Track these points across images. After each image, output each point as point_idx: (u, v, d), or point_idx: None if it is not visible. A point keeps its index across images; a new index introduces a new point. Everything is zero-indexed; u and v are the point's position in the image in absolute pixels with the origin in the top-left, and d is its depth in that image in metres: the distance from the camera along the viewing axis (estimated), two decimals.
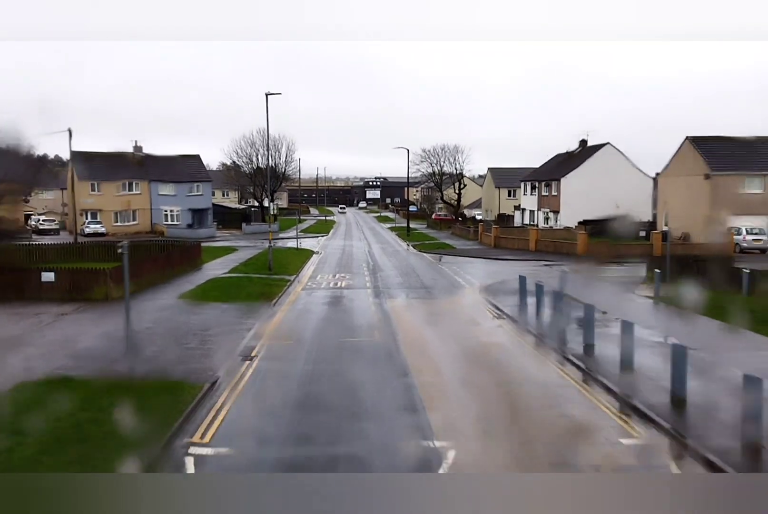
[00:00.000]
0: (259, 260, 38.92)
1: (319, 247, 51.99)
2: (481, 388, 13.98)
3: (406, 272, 35.10)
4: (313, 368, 15.49)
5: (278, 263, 36.97)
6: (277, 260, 38.46)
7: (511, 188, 79.67)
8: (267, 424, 11.95)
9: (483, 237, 54.40)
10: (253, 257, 40.93)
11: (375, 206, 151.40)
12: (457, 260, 42.28)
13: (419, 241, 56.91)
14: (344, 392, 13.73)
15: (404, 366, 15.57)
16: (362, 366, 15.66)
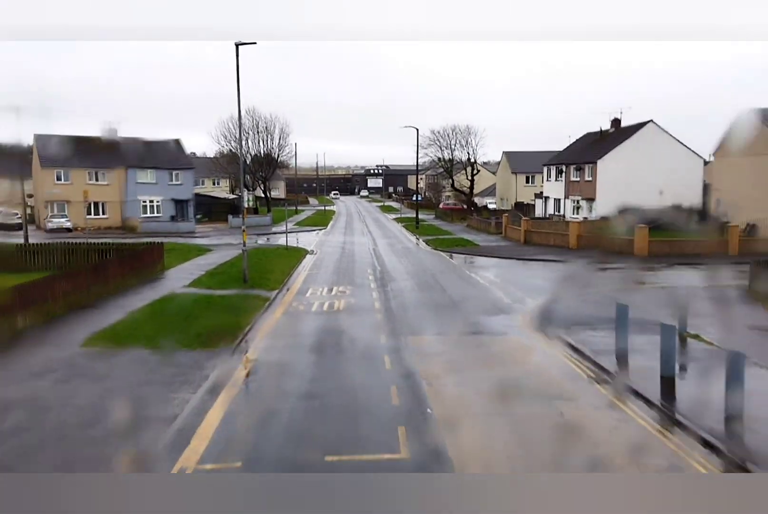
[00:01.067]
0: (234, 265, 29.88)
1: (314, 245, 42.96)
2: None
3: (425, 282, 26.10)
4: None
5: (259, 270, 27.98)
6: (259, 266, 29.47)
7: (529, 174, 70.50)
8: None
9: (508, 231, 45.33)
10: (229, 262, 31.91)
11: (377, 195, 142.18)
12: (486, 263, 33.27)
13: (431, 236, 47.88)
14: None
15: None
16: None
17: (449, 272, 29.53)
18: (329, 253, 37.45)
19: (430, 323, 18.46)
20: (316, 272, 29.52)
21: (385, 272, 29.41)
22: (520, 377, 13.31)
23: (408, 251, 39.58)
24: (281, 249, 37.51)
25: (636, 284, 24.52)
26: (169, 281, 26.60)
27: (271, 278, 26.42)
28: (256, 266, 29.45)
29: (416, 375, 13.25)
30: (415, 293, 23.62)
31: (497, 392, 12.12)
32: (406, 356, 14.73)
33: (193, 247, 39.09)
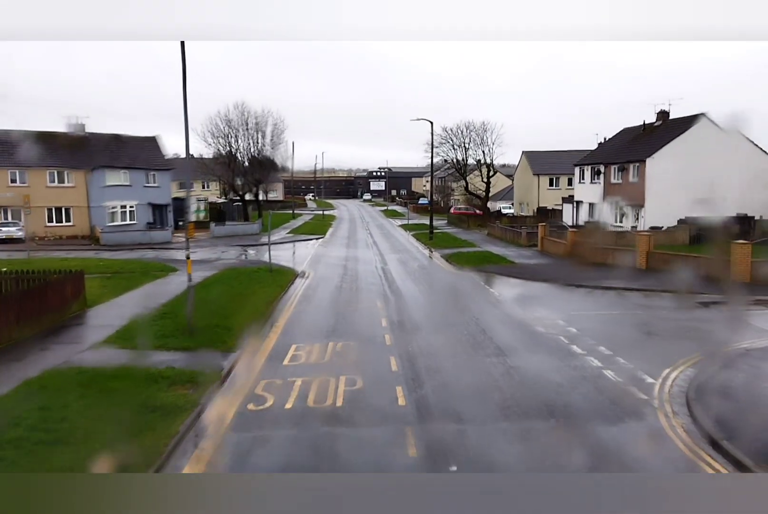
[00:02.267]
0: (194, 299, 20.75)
1: (307, 262, 33.84)
2: None
3: (470, 335, 16.58)
4: None
5: (221, 310, 18.96)
6: (223, 302, 20.43)
7: (552, 176, 61.47)
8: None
9: (546, 243, 36.24)
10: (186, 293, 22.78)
11: (380, 199, 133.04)
12: (539, 293, 24.08)
13: (450, 248, 38.79)
14: None
15: None
16: None
17: (496, 312, 20.36)
18: (325, 277, 28.32)
19: (516, 456, 9.40)
20: (303, 312, 20.34)
21: (403, 310, 20.28)
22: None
23: (427, 272, 30.51)
24: (263, 270, 28.41)
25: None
26: (83, 329, 17.56)
27: (235, 324, 17.28)
28: (218, 301, 20.36)
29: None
30: (459, 361, 14.43)
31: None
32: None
33: (153, 267, 29.96)
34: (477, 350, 15.18)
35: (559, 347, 15.52)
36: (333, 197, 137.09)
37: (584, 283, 25.06)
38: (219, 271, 28.83)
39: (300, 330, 17.64)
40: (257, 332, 17.02)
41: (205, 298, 20.80)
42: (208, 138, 58.60)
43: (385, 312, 19.82)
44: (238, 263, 33.35)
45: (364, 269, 30.76)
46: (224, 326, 17.10)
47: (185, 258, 18.97)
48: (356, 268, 31.43)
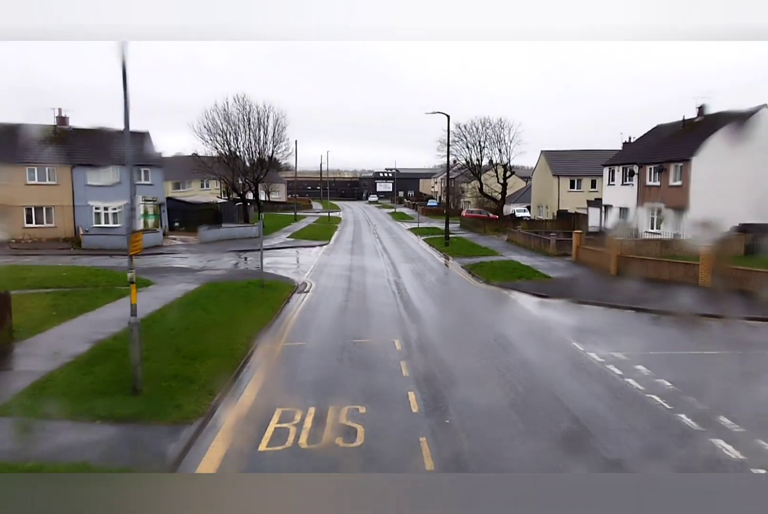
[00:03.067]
0: (152, 328, 15.77)
1: (309, 273, 28.86)
2: None
3: (536, 399, 11.54)
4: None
5: (190, 346, 14.03)
6: (196, 331, 15.50)
7: (574, 177, 56.37)
8: None
9: (582, 253, 31.17)
10: (153, 317, 17.76)
11: (387, 200, 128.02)
12: (598, 321, 19.03)
13: (469, 257, 33.79)
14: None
15: None
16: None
17: (553, 352, 15.29)
18: (328, 293, 23.34)
19: None
20: (297, 351, 15.24)
21: (428, 348, 15.26)
22: None
23: (449, 288, 25.53)
24: (254, 284, 23.43)
25: None
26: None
27: (201, 373, 12.28)
28: (186, 334, 15.40)
29: None
30: (529, 453, 9.48)
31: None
32: None
33: (125, 279, 25.00)
34: (550, 427, 10.15)
35: (661, 416, 10.49)
36: (338, 199, 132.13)
37: (645, 305, 20.01)
38: (200, 285, 23.90)
39: (290, 383, 12.62)
40: (229, 387, 12.03)
41: (169, 329, 15.87)
42: (205, 134, 53.66)
43: (405, 350, 14.82)
44: (226, 273, 28.40)
45: (373, 284, 25.77)
46: (185, 376, 12.12)
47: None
48: (364, 281, 26.44)
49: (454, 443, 9.44)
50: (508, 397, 11.50)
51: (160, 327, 16.19)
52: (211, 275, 27.69)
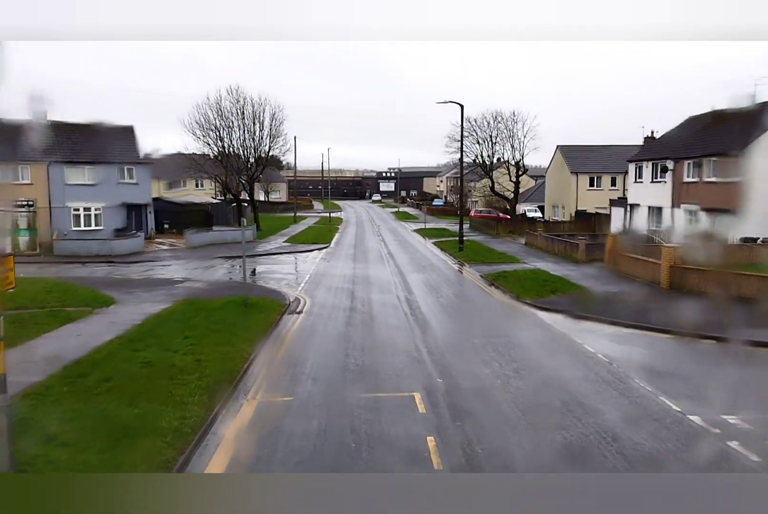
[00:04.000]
0: (81, 381, 11.27)
1: (303, 286, 24.32)
2: None
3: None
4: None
5: (115, 420, 9.49)
6: (136, 388, 10.91)
7: (593, 175, 51.79)
8: None
9: (620, 260, 26.54)
10: (87, 357, 13.24)
11: (390, 200, 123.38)
12: (667, 354, 14.55)
13: (488, 264, 29.28)
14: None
15: None
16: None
17: (650, 422, 10.66)
18: (326, 315, 18.77)
19: None
20: (281, 408, 10.68)
21: (463, 413, 10.60)
22: None
23: (472, 306, 20.97)
24: (237, 302, 18.89)
25: None
26: None
27: (126, 461, 7.78)
28: (124, 388, 10.88)
29: None
30: None
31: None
32: None
33: (82, 296, 20.51)
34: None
35: None
36: (340, 198, 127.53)
37: (728, 334, 15.45)
38: (172, 304, 19.39)
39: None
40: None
41: (102, 381, 11.39)
42: (197, 130, 49.02)
43: (431, 414, 10.29)
44: (208, 287, 23.90)
45: (380, 302, 21.20)
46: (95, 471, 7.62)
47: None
48: (369, 298, 21.88)
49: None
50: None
51: (94, 378, 11.68)
52: (191, 289, 23.19)
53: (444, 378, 12.45)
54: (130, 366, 12.52)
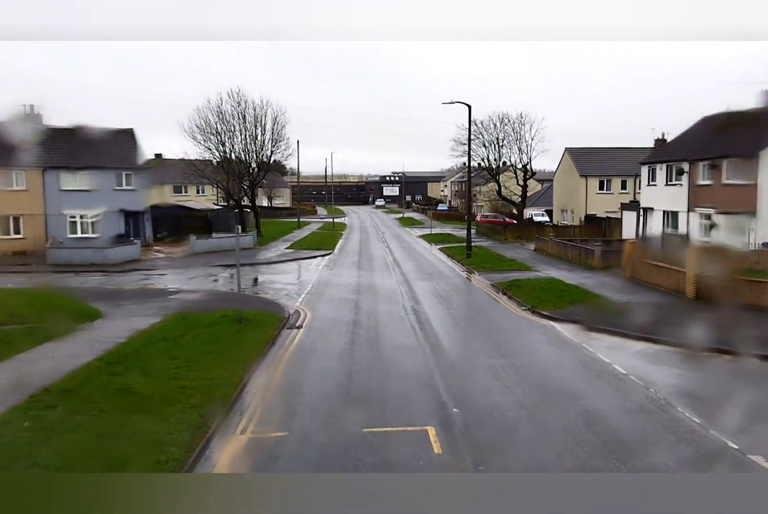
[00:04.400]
0: (45, 415, 9.76)
1: (305, 297, 22.75)
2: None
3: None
4: None
5: (94, 450, 7.91)
6: (114, 413, 9.36)
7: (603, 178, 50.18)
8: None
9: (638, 268, 24.95)
10: (54, 386, 11.71)
11: (395, 205, 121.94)
12: (713, 378, 12.90)
13: (499, 272, 27.74)
14: None
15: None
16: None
17: (688, 448, 9.19)
18: (327, 330, 17.23)
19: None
20: (272, 445, 8.96)
21: (485, 451, 9.08)
22: None
23: (484, 318, 19.34)
24: (231, 317, 17.38)
25: None
26: None
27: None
28: (91, 430, 9.31)
29: None
30: None
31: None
32: None
33: (69, 309, 19.02)
34: None
35: None
36: (344, 203, 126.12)
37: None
38: (162, 319, 17.87)
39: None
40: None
41: (73, 412, 9.88)
42: (197, 134, 47.59)
43: (449, 455, 8.73)
44: (204, 298, 22.40)
45: (386, 313, 19.63)
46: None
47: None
48: (374, 310, 20.33)
49: None
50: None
51: (62, 410, 10.16)
52: (185, 300, 21.68)
53: (461, 408, 10.89)
54: (105, 395, 11.00)
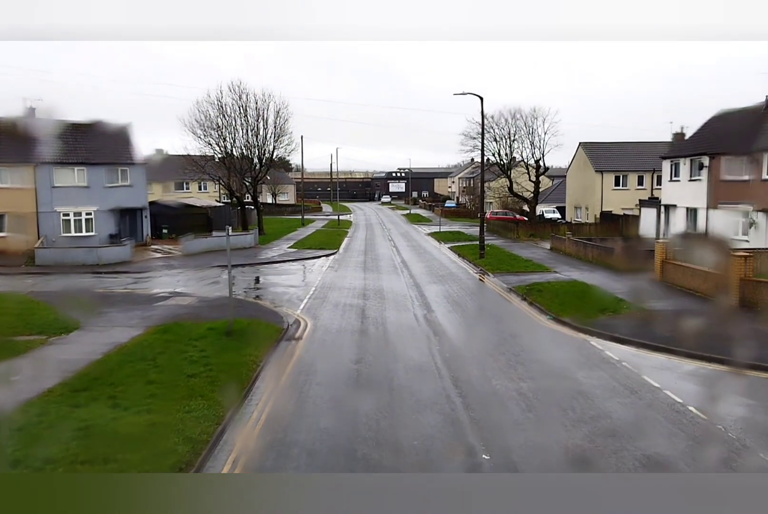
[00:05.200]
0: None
1: (306, 303, 20.59)
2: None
3: None
4: None
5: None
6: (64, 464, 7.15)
7: (619, 173, 47.83)
8: None
9: (667, 269, 22.74)
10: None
11: (401, 201, 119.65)
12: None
13: (515, 274, 25.57)
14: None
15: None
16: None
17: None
18: (330, 343, 15.10)
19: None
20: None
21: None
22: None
23: (505, 328, 17.16)
24: (221, 328, 15.30)
25: None
26: None
27: None
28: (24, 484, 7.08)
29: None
30: None
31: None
32: None
33: (39, 320, 16.96)
34: None
35: None
36: (349, 200, 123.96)
37: None
38: (144, 331, 15.79)
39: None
40: None
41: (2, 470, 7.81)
42: (197, 129, 45.45)
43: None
44: (195, 305, 20.32)
45: (396, 323, 17.47)
46: None
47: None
48: (383, 318, 18.19)
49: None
50: None
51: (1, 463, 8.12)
52: (174, 308, 19.60)
53: (492, 453, 8.75)
54: (59, 437, 8.92)
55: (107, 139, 39.88)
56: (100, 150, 38.54)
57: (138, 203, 39.28)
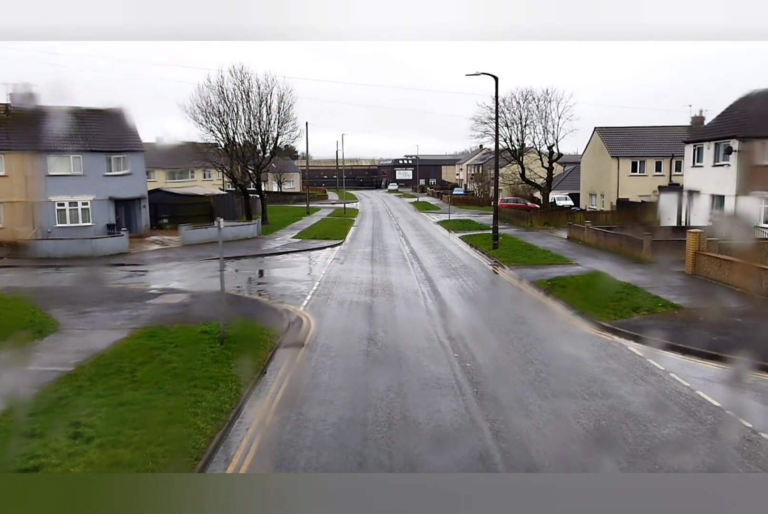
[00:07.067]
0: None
1: (309, 300, 18.70)
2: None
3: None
4: None
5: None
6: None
7: (636, 159, 45.60)
8: None
9: (704, 263, 20.75)
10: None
11: (408, 189, 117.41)
12: None
13: (532, 267, 23.65)
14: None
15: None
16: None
17: None
18: (336, 349, 13.23)
19: None
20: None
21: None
22: None
23: (531, 331, 15.23)
24: (213, 334, 13.51)
25: None
26: None
27: None
28: None
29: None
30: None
31: None
32: None
33: (16, 319, 15.22)
34: None
35: None
36: (356, 188, 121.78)
37: None
38: (129, 334, 14.01)
39: None
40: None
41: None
42: (199, 115, 43.43)
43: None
44: (189, 302, 18.48)
45: (408, 322, 15.61)
46: None
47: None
48: (393, 317, 16.34)
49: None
50: None
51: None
52: (165, 307, 17.80)
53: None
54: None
55: (105, 125, 38.04)
56: (96, 136, 36.73)
57: (137, 192, 37.52)
